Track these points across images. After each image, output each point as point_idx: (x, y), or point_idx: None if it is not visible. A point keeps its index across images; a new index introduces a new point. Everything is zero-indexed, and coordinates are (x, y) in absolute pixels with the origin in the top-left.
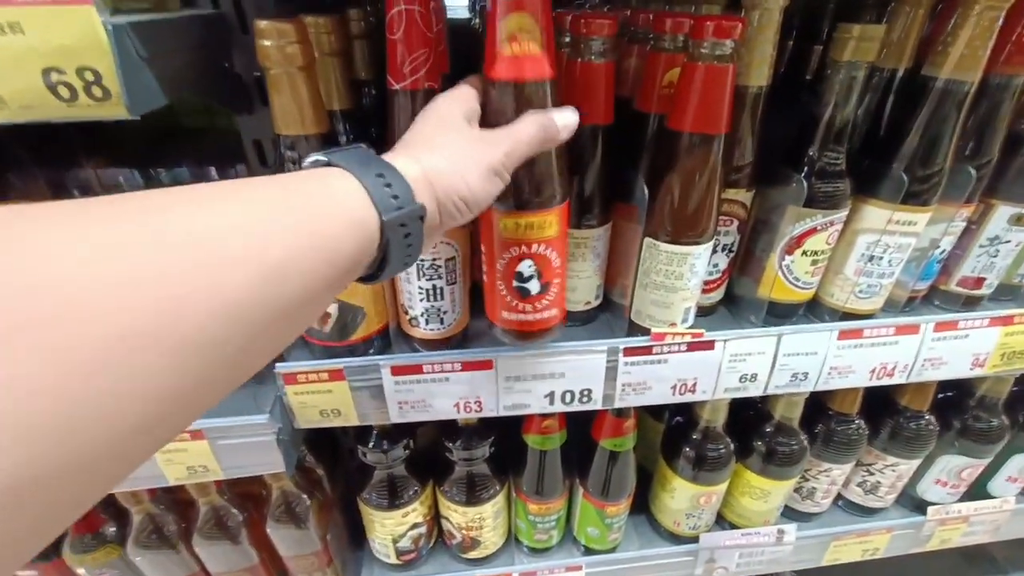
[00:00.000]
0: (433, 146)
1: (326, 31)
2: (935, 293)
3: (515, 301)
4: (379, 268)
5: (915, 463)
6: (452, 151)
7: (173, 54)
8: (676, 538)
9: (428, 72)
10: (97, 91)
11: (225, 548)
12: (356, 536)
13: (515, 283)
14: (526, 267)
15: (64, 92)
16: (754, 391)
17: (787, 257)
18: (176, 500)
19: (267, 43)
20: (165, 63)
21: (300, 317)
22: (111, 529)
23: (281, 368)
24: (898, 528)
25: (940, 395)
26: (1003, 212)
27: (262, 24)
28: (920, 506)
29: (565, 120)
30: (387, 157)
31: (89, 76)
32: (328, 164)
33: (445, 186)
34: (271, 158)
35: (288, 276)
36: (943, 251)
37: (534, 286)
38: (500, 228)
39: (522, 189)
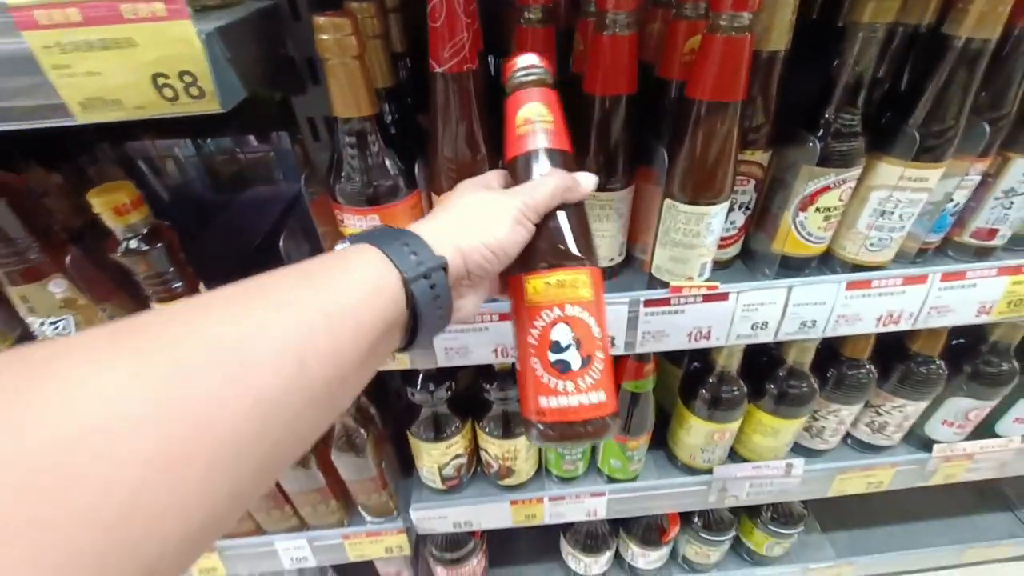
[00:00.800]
0: (451, 206)
1: (369, 15)
2: (948, 244)
3: (552, 379)
4: (414, 332)
5: (923, 405)
6: (471, 206)
7: (247, 50)
8: (691, 470)
9: (467, 54)
10: (194, 91)
11: (298, 473)
12: (406, 465)
13: (551, 354)
14: (562, 334)
15: (169, 93)
16: (764, 338)
17: (801, 214)
18: None
19: (325, 37)
20: (242, 60)
21: (335, 400)
22: None
23: None
24: (903, 464)
25: (952, 341)
26: (1020, 164)
27: (321, 20)
28: (927, 444)
29: (585, 178)
30: (409, 227)
31: (188, 79)
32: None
33: (467, 236)
34: (322, 135)
35: (307, 365)
36: (956, 204)
37: (573, 358)
38: (530, 292)
39: (548, 248)
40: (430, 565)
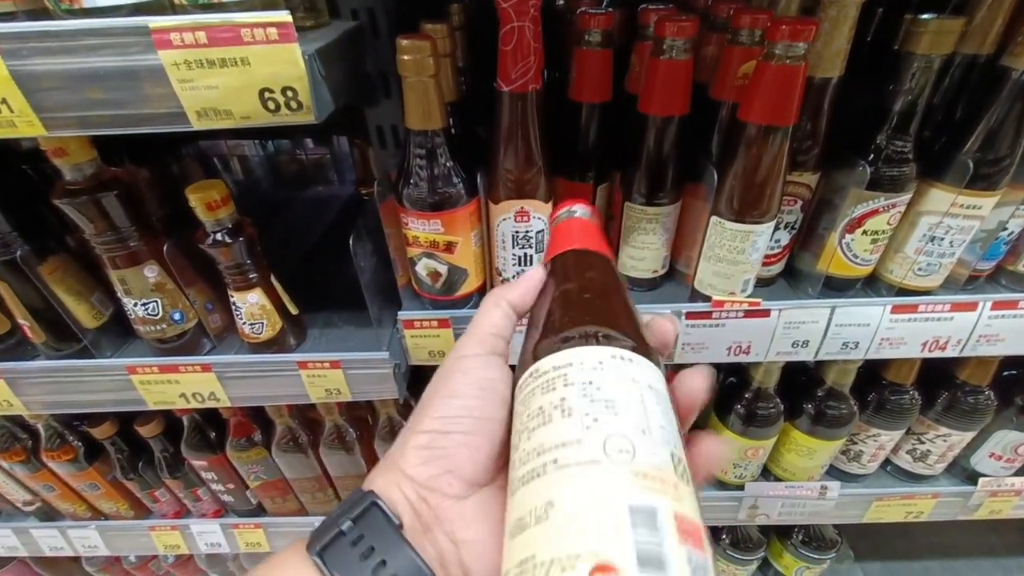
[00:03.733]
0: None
1: (442, 36)
2: (1001, 272)
3: None
4: None
5: (969, 436)
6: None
7: (337, 68)
8: (722, 484)
9: (532, 76)
10: (294, 104)
11: (341, 457)
12: None
13: None
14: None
15: (272, 106)
16: (805, 356)
17: (848, 235)
18: (306, 418)
19: (407, 57)
20: (334, 77)
21: None
22: (259, 436)
23: (402, 315)
24: (945, 495)
25: (1003, 372)
26: None
27: (404, 42)
28: (972, 477)
29: None
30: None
31: (290, 93)
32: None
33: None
34: (390, 143)
35: None
36: (1011, 233)
37: None
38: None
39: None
40: None
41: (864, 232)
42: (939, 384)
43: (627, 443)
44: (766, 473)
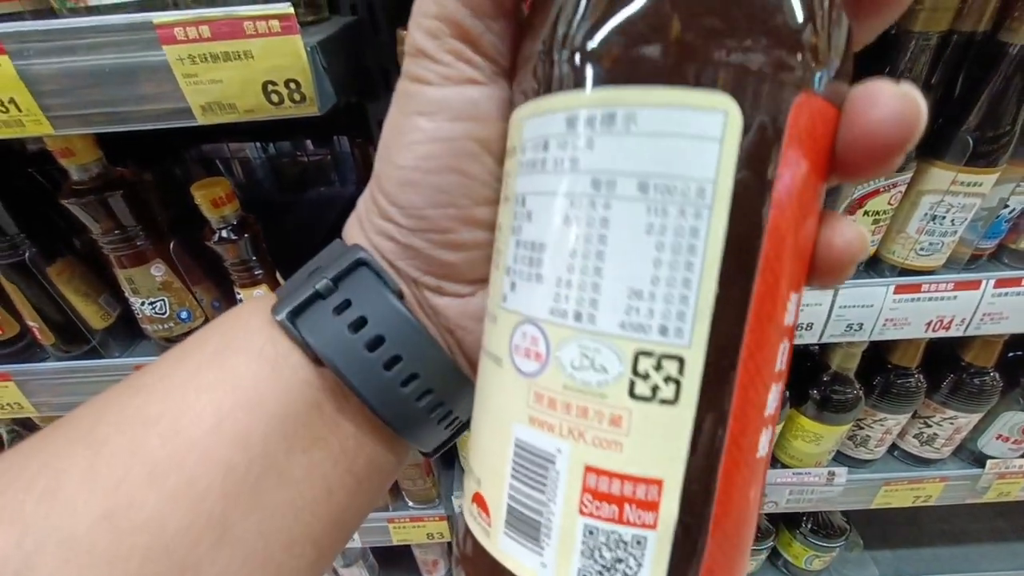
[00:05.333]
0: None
1: None
2: (1003, 251)
3: None
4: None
5: (975, 418)
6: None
7: (339, 61)
8: None
9: None
10: (297, 96)
11: None
12: (448, 455)
13: None
14: None
15: (275, 98)
16: (809, 339)
17: (849, 217)
18: None
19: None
20: (335, 69)
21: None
22: None
23: None
24: (953, 478)
25: (1009, 353)
26: None
27: (404, 32)
28: (979, 460)
29: None
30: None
31: (293, 86)
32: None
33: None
34: None
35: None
36: (1012, 210)
37: None
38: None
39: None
40: None
41: (865, 213)
42: (944, 366)
43: (539, 338)
44: (772, 460)
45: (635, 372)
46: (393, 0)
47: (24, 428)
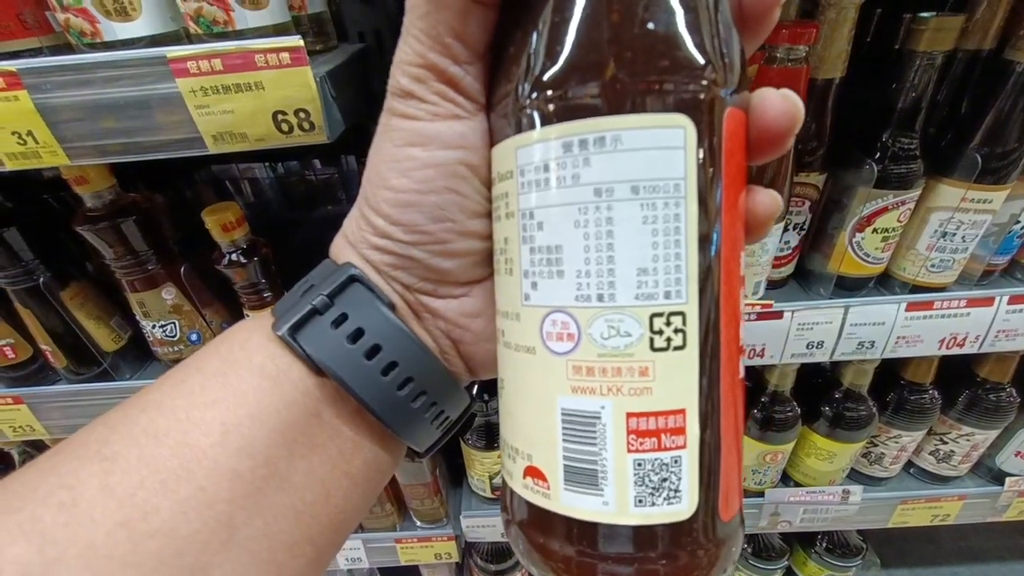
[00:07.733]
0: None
1: None
2: (1016, 267)
3: None
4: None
5: (992, 434)
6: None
7: (347, 89)
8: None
9: None
10: (306, 125)
11: None
12: (456, 474)
13: None
14: None
15: (285, 127)
16: (820, 357)
17: (858, 234)
18: None
19: None
20: (343, 97)
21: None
22: None
23: None
24: (972, 496)
25: None
26: None
27: None
28: (998, 477)
29: None
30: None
31: (302, 115)
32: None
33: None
34: None
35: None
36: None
37: None
38: None
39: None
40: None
41: (874, 230)
42: (959, 382)
43: (569, 322)
44: (786, 479)
45: (652, 330)
46: (400, 27)
47: (35, 449)
